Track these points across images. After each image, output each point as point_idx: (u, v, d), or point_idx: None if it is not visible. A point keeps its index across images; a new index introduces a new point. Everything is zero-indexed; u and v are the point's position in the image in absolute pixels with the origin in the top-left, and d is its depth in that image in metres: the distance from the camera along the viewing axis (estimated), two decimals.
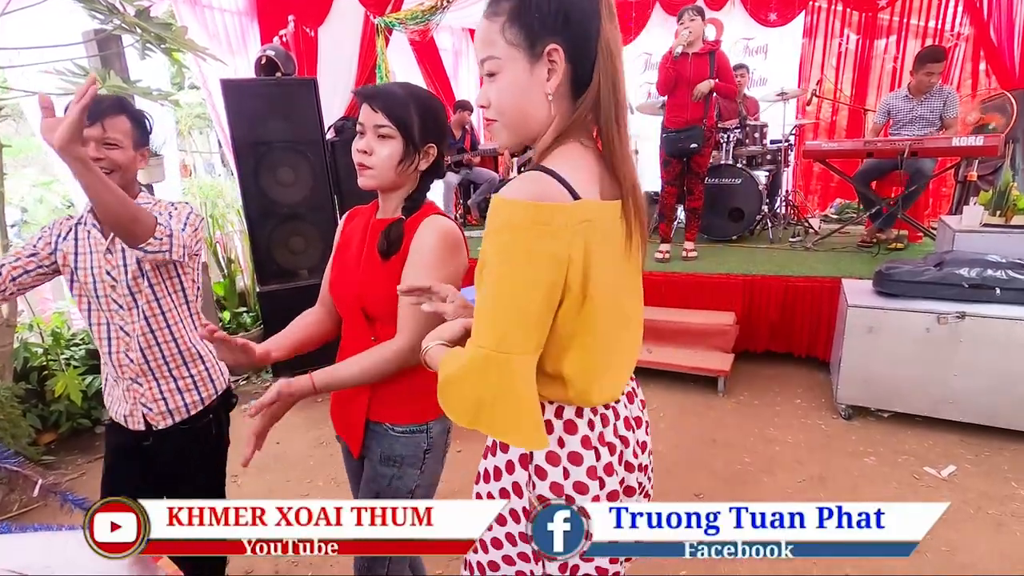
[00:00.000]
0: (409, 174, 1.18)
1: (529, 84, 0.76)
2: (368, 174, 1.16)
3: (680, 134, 3.76)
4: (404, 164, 1.15)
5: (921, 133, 3.85)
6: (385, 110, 1.12)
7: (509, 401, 0.74)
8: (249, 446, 1.06)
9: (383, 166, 1.14)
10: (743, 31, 5.85)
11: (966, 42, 4.93)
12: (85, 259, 1.39)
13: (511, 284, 0.72)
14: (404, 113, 1.13)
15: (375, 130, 1.13)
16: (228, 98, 3.26)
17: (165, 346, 1.44)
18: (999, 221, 3.00)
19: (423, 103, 1.16)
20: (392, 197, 1.21)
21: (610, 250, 0.78)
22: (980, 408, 2.61)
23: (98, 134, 1.33)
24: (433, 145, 1.18)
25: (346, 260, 1.25)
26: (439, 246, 1.13)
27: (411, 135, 1.13)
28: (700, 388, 3.26)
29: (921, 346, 2.64)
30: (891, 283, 2.78)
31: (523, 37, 0.74)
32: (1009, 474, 2.37)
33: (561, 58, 0.74)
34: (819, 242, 4.21)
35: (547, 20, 0.73)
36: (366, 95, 1.15)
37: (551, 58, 0.74)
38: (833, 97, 5.54)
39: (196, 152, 11.48)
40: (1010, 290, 2.56)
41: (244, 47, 4.19)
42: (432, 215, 1.18)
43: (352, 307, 1.21)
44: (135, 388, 1.43)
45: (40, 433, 2.84)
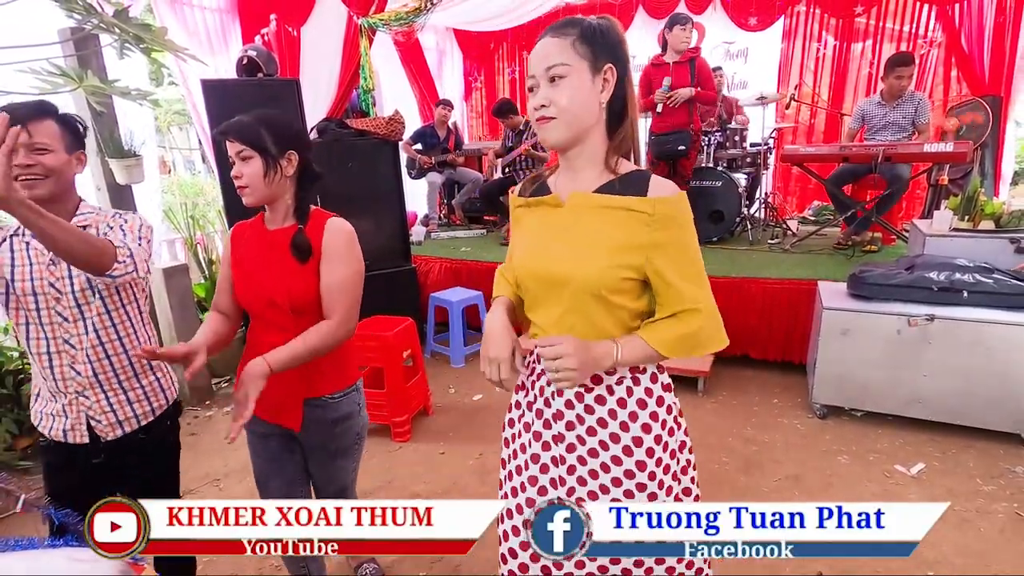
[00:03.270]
0: (280, 183, 1.36)
1: (589, 92, 0.95)
2: (246, 192, 1.34)
3: (668, 137, 3.88)
4: (270, 175, 1.33)
5: (894, 138, 3.95)
6: (238, 136, 1.30)
7: (713, 331, 1.02)
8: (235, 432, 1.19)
9: (254, 183, 1.32)
10: (724, 35, 5.92)
11: (939, 48, 5.06)
12: (23, 271, 1.33)
13: (697, 253, 1.03)
14: (253, 133, 1.31)
15: (238, 156, 1.32)
16: (209, 99, 3.23)
17: (116, 358, 1.41)
18: (967, 226, 3.09)
19: (270, 120, 1.34)
20: (277, 208, 1.40)
21: None
22: (948, 407, 2.69)
23: (24, 140, 1.26)
24: (293, 152, 1.36)
25: (250, 269, 1.41)
26: (347, 242, 1.39)
27: (265, 149, 1.31)
28: (680, 388, 3.30)
29: (892, 347, 2.72)
30: (864, 286, 2.86)
31: (590, 58, 0.94)
32: (974, 471, 2.46)
33: (613, 77, 0.96)
34: (797, 244, 4.30)
35: (608, 45, 0.95)
36: (221, 132, 1.34)
37: (606, 76, 0.96)
38: (811, 101, 5.64)
39: (176, 149, 11.30)
40: (977, 293, 2.64)
41: (225, 46, 4.15)
42: (330, 218, 1.41)
43: (266, 308, 1.39)
44: (81, 401, 1.38)
45: (16, 438, 2.79)
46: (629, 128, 1.00)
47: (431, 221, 5.64)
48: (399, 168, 4.06)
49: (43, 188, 1.30)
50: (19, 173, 1.26)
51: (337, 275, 1.36)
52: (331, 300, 1.36)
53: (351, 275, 1.39)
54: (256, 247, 1.42)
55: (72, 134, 1.37)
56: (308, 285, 1.36)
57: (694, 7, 5.71)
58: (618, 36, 0.97)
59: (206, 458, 2.83)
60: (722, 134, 4.82)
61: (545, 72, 0.94)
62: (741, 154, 4.92)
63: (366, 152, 3.78)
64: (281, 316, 1.38)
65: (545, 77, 0.94)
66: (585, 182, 1.02)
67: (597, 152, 1.01)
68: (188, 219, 4.12)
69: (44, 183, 1.30)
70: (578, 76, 0.93)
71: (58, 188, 1.33)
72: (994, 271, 2.69)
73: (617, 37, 0.97)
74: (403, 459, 2.77)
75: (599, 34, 0.94)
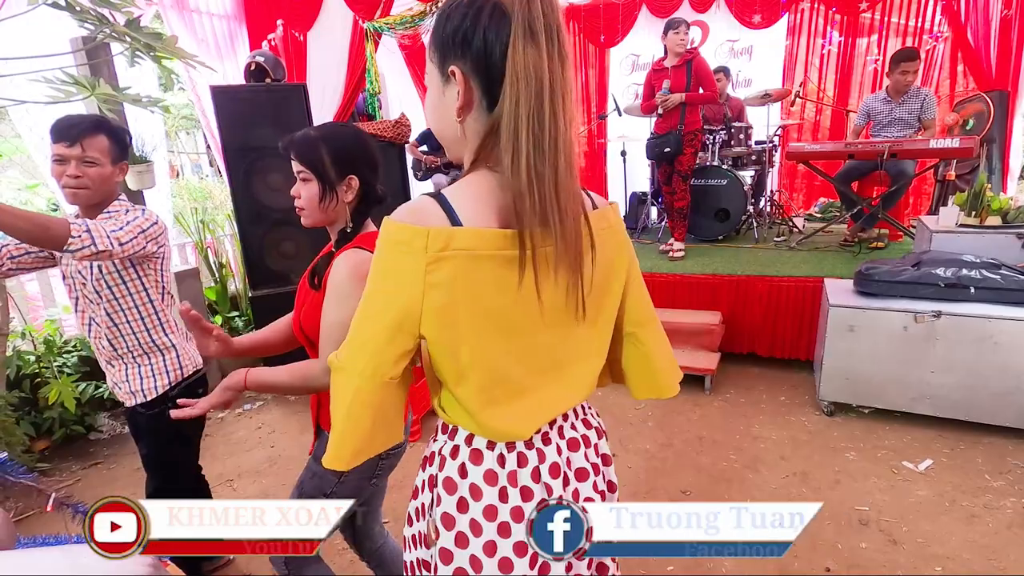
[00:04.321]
0: (336, 209, 1.26)
1: (441, 104, 0.75)
2: (303, 215, 1.28)
3: (659, 139, 4.04)
4: (326, 201, 1.24)
5: (900, 135, 3.95)
6: (298, 156, 1.23)
7: (334, 411, 0.75)
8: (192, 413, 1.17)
9: (310, 206, 1.25)
10: (728, 33, 5.91)
11: (945, 43, 5.03)
12: (65, 259, 1.58)
13: (366, 301, 0.73)
14: (314, 155, 1.22)
15: (298, 175, 1.25)
16: (218, 104, 3.28)
17: (128, 338, 1.65)
18: (974, 221, 3.09)
19: (333, 139, 1.24)
20: (333, 231, 1.31)
21: (504, 282, 0.71)
22: (956, 403, 2.69)
23: (77, 154, 1.45)
24: (353, 177, 1.25)
25: (299, 290, 1.35)
26: (347, 278, 1.15)
27: (324, 174, 1.22)
28: (687, 387, 3.33)
29: (899, 344, 2.73)
30: (871, 283, 2.86)
31: (437, 59, 0.74)
32: (983, 467, 2.46)
33: (463, 80, 0.71)
34: (803, 241, 4.30)
35: (448, 41, 0.71)
36: (284, 146, 1.26)
37: (455, 79, 0.72)
38: (817, 98, 5.62)
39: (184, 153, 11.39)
40: (984, 289, 2.64)
41: (233, 51, 4.20)
42: (352, 248, 1.22)
43: (296, 331, 1.33)
44: (109, 369, 1.69)
45: (34, 440, 2.85)
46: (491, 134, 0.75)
47: None
48: (406, 170, 4.09)
49: (86, 197, 1.51)
50: (68, 183, 1.47)
51: (329, 315, 1.16)
52: (321, 340, 1.18)
53: (340, 314, 1.13)
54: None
55: (119, 146, 1.56)
56: (317, 316, 1.21)
57: (698, 6, 5.71)
58: (468, 21, 0.70)
59: (219, 460, 2.88)
60: (726, 132, 4.83)
61: None
62: (746, 152, 4.93)
63: None
64: (304, 341, 1.30)
65: None
66: None
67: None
68: (198, 223, 4.17)
69: (87, 193, 1.50)
70: (431, 89, 0.78)
71: (99, 196, 1.54)
72: (1001, 266, 2.69)
73: (458, 24, 0.71)
74: (414, 458, 2.80)
75: (440, 28, 0.73)
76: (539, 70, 0.67)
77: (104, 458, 2.96)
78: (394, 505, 2.34)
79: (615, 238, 0.85)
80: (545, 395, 0.81)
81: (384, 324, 0.71)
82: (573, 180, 0.72)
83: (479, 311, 0.72)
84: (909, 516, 2.17)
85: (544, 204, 0.69)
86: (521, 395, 0.79)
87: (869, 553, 1.99)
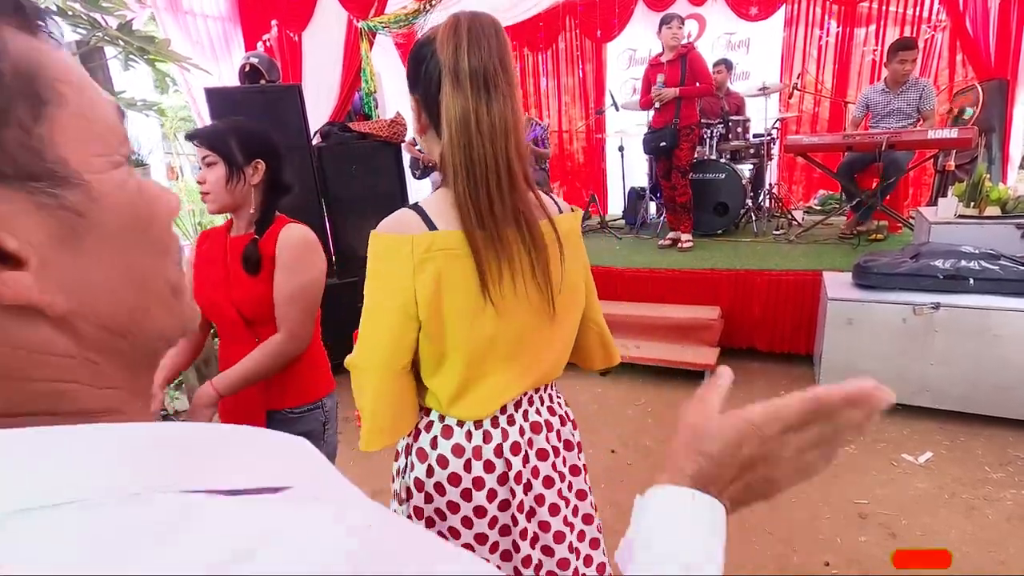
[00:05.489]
0: (243, 191, 1.33)
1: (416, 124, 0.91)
2: (208, 199, 1.32)
3: (655, 134, 4.06)
4: (232, 183, 1.31)
5: (899, 126, 3.93)
6: (203, 142, 1.30)
7: (362, 404, 0.91)
8: None
9: (215, 189, 1.30)
10: (725, 26, 5.89)
11: (943, 31, 5.00)
12: None
13: (370, 308, 0.89)
14: (220, 140, 1.30)
15: (203, 161, 1.31)
16: (213, 106, 3.27)
17: None
18: (973, 212, 3.07)
19: (241, 128, 1.33)
20: (241, 216, 1.37)
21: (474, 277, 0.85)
22: (955, 395, 2.69)
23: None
24: (260, 161, 1.34)
25: (211, 277, 1.39)
26: (300, 250, 1.33)
27: (230, 156, 1.30)
28: (686, 382, 3.33)
29: (898, 336, 2.72)
30: (869, 275, 2.85)
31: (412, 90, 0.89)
32: (983, 459, 2.45)
33: (416, 109, 0.88)
34: (802, 234, 4.28)
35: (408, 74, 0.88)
36: (189, 136, 1.34)
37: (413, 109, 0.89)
38: (815, 90, 5.60)
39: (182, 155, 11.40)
40: (983, 280, 2.63)
41: (228, 53, 4.19)
42: (286, 225, 1.36)
43: (228, 317, 1.36)
44: None
45: None
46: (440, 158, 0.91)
47: None
48: (402, 169, 4.08)
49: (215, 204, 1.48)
50: None
51: (286, 285, 1.30)
52: (280, 312, 1.31)
53: (302, 285, 1.32)
54: (217, 255, 1.40)
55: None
56: (260, 296, 1.32)
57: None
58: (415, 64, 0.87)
59: None
60: (724, 126, 4.81)
61: None
62: (744, 145, 4.91)
63: (369, 155, 3.81)
64: (237, 328, 1.36)
65: None
66: None
67: None
68: (196, 225, 4.18)
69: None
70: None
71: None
72: (1000, 257, 2.68)
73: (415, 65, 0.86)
74: None
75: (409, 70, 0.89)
76: (465, 112, 0.80)
77: None
78: None
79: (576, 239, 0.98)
80: (508, 378, 0.93)
81: (390, 317, 0.86)
82: (515, 193, 0.85)
83: (457, 301, 0.85)
84: (909, 509, 2.16)
85: (480, 214, 0.83)
86: (487, 377, 0.91)
87: (868, 547, 1.99)
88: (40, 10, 0.30)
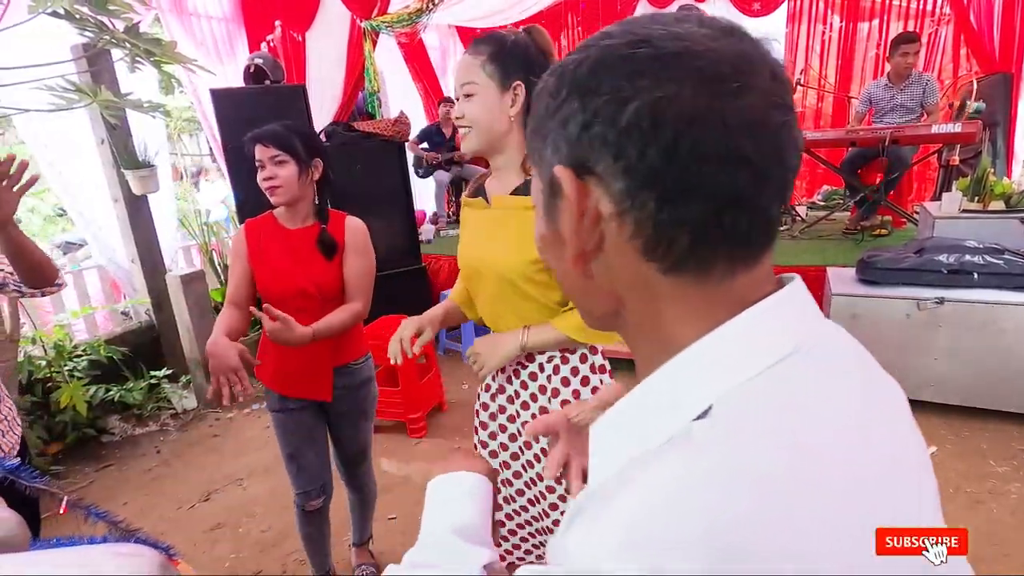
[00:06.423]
0: (308, 186, 1.56)
1: (497, 106, 1.05)
2: (279, 192, 1.50)
3: None
4: (303, 178, 1.53)
5: (902, 121, 3.92)
6: (274, 142, 1.47)
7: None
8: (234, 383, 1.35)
9: (288, 183, 1.49)
10: None
11: (947, 25, 4.98)
12: None
13: None
14: (288, 140, 1.48)
15: (271, 160, 1.48)
16: (218, 107, 3.30)
17: None
18: (977, 207, 3.07)
19: (299, 130, 1.54)
20: (299, 209, 1.58)
21: None
22: (960, 390, 2.69)
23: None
24: (318, 160, 1.56)
25: (276, 265, 1.57)
26: (366, 236, 1.64)
27: (299, 155, 1.50)
28: None
29: (902, 331, 2.72)
30: (873, 271, 2.86)
31: (498, 73, 1.04)
32: (988, 453, 2.46)
33: (523, 92, 1.04)
34: (806, 230, 4.28)
35: (518, 63, 1.04)
36: (256, 138, 1.49)
37: (515, 91, 1.05)
38: (818, 85, 5.59)
39: (187, 155, 11.44)
40: (987, 274, 2.63)
41: (232, 53, 4.21)
42: (348, 217, 1.63)
43: (294, 298, 1.55)
44: None
45: (47, 444, 2.90)
46: None
47: (440, 219, 5.68)
48: (406, 168, 4.11)
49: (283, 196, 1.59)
50: None
51: (359, 266, 1.60)
52: (355, 287, 1.60)
53: (369, 265, 1.63)
54: (279, 244, 1.59)
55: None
56: (335, 276, 1.58)
57: None
58: (529, 54, 1.04)
59: (229, 459, 2.92)
60: None
61: (460, 88, 1.07)
62: None
63: (373, 153, 3.83)
64: (311, 304, 1.56)
65: (460, 92, 1.07)
66: (507, 185, 1.14)
67: (514, 158, 1.11)
68: (203, 226, 4.21)
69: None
70: (485, 93, 1.04)
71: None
72: (1004, 251, 2.67)
73: (527, 55, 1.04)
74: (420, 455, 2.83)
75: (509, 54, 1.03)
76: None
77: (116, 460, 3.00)
78: (400, 502, 2.37)
79: None
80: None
81: None
82: None
83: None
84: None
85: None
86: None
87: None
88: None
